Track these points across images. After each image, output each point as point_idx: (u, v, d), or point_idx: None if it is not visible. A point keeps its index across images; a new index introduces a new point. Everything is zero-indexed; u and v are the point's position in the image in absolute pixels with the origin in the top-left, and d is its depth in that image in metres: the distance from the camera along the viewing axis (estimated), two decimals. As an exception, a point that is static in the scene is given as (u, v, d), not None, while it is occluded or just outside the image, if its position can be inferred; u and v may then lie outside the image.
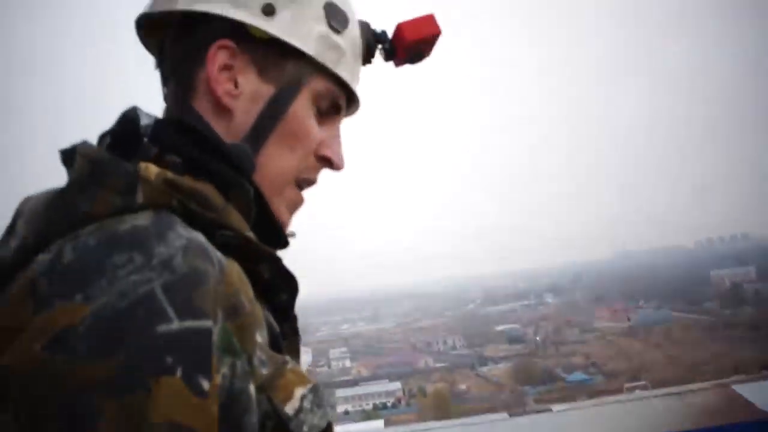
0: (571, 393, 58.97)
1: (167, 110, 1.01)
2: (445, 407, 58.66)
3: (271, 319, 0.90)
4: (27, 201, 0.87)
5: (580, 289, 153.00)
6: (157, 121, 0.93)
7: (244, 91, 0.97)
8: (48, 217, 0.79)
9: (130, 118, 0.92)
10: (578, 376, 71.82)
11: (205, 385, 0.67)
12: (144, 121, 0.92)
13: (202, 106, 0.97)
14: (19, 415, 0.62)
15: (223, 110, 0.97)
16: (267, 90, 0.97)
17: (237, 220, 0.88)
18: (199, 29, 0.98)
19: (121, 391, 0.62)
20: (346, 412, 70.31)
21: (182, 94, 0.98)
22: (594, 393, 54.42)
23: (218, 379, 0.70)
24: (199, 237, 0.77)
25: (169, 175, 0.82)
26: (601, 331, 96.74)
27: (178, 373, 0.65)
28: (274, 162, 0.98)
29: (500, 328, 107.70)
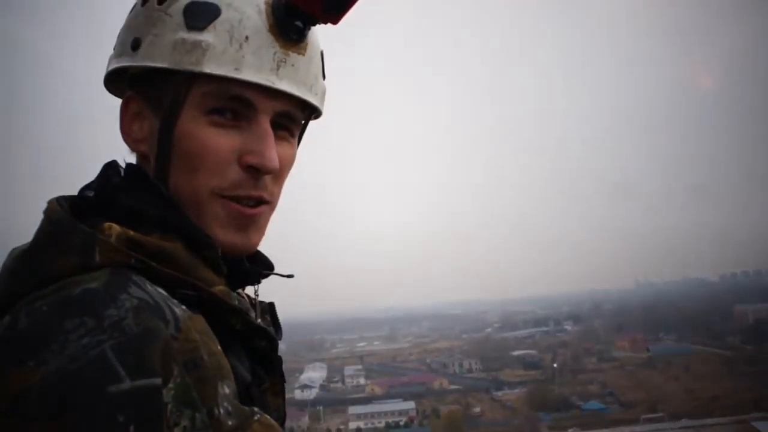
0: (586, 421, 58.14)
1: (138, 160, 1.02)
2: (458, 429, 58.28)
3: (241, 369, 0.91)
4: (11, 252, 0.89)
5: (600, 317, 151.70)
6: (129, 175, 0.96)
7: (146, 132, 0.97)
8: (12, 277, 0.82)
9: (106, 174, 0.96)
10: (594, 404, 70.97)
11: None
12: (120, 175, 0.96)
13: (136, 158, 1.00)
14: None
15: (142, 158, 0.99)
16: (157, 122, 0.95)
17: (206, 274, 0.89)
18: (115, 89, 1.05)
19: None
20: (359, 429, 70.18)
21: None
22: (609, 423, 53.71)
23: (177, 431, 0.73)
24: (154, 296, 0.78)
25: (131, 233, 0.84)
26: (619, 361, 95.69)
27: (131, 430, 0.66)
28: (183, 188, 0.94)
29: (517, 353, 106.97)
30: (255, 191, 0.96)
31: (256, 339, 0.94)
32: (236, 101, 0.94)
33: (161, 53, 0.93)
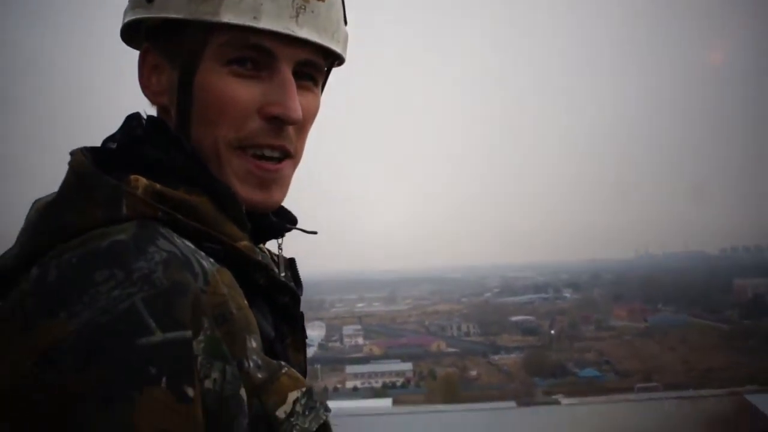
0: (581, 388, 58.65)
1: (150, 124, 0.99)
2: (453, 392, 58.69)
3: (265, 325, 0.90)
4: (34, 205, 0.89)
5: (600, 286, 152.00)
6: (153, 126, 0.95)
7: (165, 85, 0.95)
8: (38, 229, 0.82)
9: (129, 126, 0.95)
10: (590, 372, 71.56)
11: (190, 392, 0.69)
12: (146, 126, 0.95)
13: (157, 110, 0.99)
14: (20, 428, 0.65)
15: (162, 111, 0.97)
16: (176, 74, 0.94)
17: (230, 229, 0.88)
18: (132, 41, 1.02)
19: (109, 402, 0.64)
20: (356, 389, 70.71)
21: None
22: (604, 390, 54.19)
23: (207, 383, 0.73)
24: (182, 249, 0.78)
25: (158, 187, 0.83)
26: (617, 330, 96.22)
27: (163, 383, 0.67)
28: (203, 141, 0.93)
29: (515, 318, 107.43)
30: (276, 140, 0.94)
31: (279, 295, 0.94)
32: (256, 50, 0.91)
33: (176, 4, 0.90)
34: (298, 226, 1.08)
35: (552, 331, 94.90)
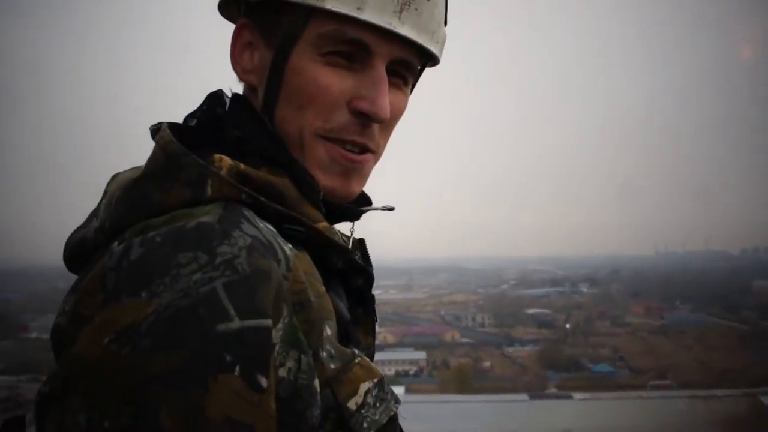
0: (594, 383, 58.43)
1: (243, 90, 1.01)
2: (466, 382, 58.79)
3: (342, 308, 0.90)
4: (113, 179, 0.91)
5: (617, 282, 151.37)
6: (235, 104, 0.96)
7: (256, 63, 0.95)
8: (123, 205, 0.82)
9: (210, 105, 0.96)
10: (604, 367, 71.24)
11: (263, 382, 0.69)
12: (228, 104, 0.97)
13: (246, 93, 0.99)
14: (88, 402, 0.66)
15: (249, 89, 0.98)
16: (270, 54, 0.93)
17: (310, 211, 0.88)
18: (234, 15, 1.01)
19: (182, 386, 0.65)
20: (368, 375, 70.67)
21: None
22: (617, 386, 54.06)
23: (282, 372, 0.73)
24: (266, 233, 0.78)
25: (242, 167, 0.83)
26: (633, 326, 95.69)
27: (237, 371, 0.67)
28: (288, 125, 0.93)
29: (531, 311, 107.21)
30: (360, 138, 0.93)
31: (354, 277, 0.93)
32: (353, 44, 0.89)
33: None
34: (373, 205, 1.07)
35: (567, 325, 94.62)
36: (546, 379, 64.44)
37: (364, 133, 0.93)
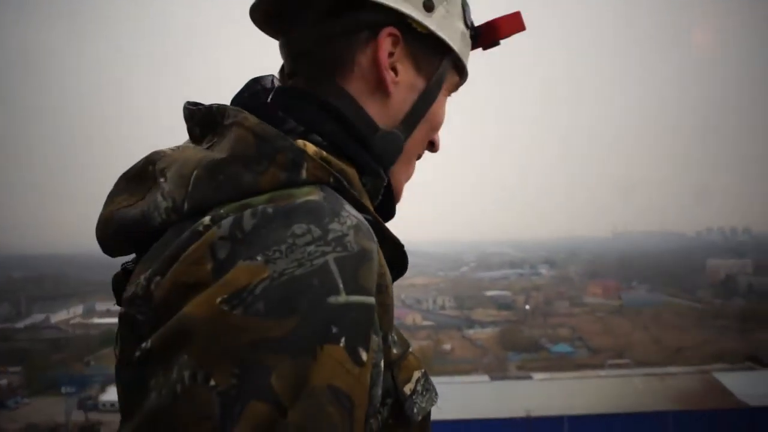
0: (553, 363, 59.25)
1: (298, 83, 1.02)
2: (427, 365, 58.22)
3: None
4: (162, 157, 0.91)
5: (575, 264, 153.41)
6: (293, 96, 0.99)
7: (402, 80, 1.00)
8: (209, 185, 0.82)
9: (255, 91, 1.02)
10: (563, 347, 72.11)
11: (364, 356, 0.71)
12: (267, 85, 1.03)
13: (354, 87, 0.99)
14: (195, 359, 0.67)
15: (380, 96, 1.00)
16: (420, 83, 1.02)
17: (368, 203, 0.91)
18: (362, 12, 0.98)
19: (292, 352, 0.67)
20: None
21: (328, 73, 1.00)
22: (576, 366, 54.82)
23: (372, 352, 0.74)
24: (360, 217, 0.80)
25: (324, 153, 0.86)
26: (591, 307, 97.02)
27: (342, 342, 0.69)
28: (414, 146, 1.05)
29: (491, 293, 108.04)
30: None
31: (391, 270, 0.92)
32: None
33: (451, 34, 1.03)
34: None
35: (527, 307, 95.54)
36: (506, 361, 65.18)
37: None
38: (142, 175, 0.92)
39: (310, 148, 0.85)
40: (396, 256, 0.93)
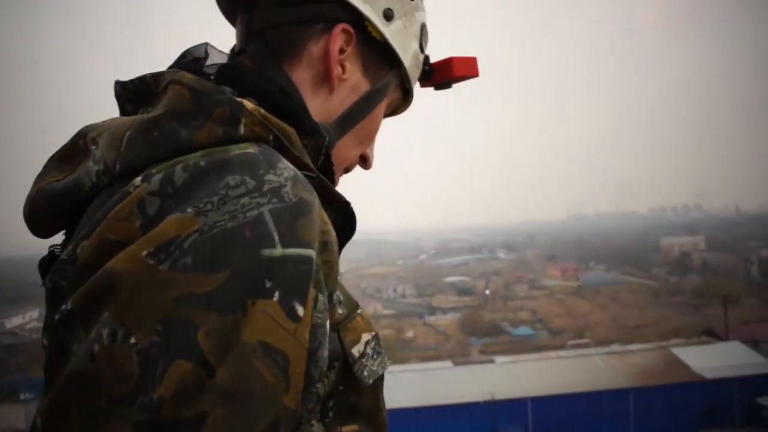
0: (515, 346, 59.70)
1: (241, 62, 1.00)
2: (390, 353, 58.50)
3: None
4: (94, 128, 0.88)
5: (533, 247, 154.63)
6: (229, 65, 0.96)
7: (348, 78, 1.00)
8: (142, 143, 0.78)
9: (195, 56, 0.98)
10: (524, 330, 72.65)
11: (300, 311, 0.68)
12: (214, 60, 1.00)
13: (299, 74, 0.98)
14: (116, 316, 0.63)
15: (323, 88, 0.99)
16: (364, 86, 1.02)
17: (311, 163, 0.88)
18: (324, 5, 0.98)
19: (222, 307, 0.63)
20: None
21: (278, 56, 0.98)
22: (538, 348, 55.29)
23: (311, 307, 0.71)
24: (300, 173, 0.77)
25: (263, 111, 0.82)
26: (550, 289, 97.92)
27: (275, 297, 0.66)
28: (344, 151, 1.03)
29: (450, 279, 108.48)
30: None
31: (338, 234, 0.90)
32: (395, 113, 1.14)
33: (404, 49, 1.03)
34: None
35: (486, 292, 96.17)
36: (468, 346, 65.45)
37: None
38: (72, 152, 0.89)
39: (249, 104, 0.81)
40: (343, 216, 0.90)
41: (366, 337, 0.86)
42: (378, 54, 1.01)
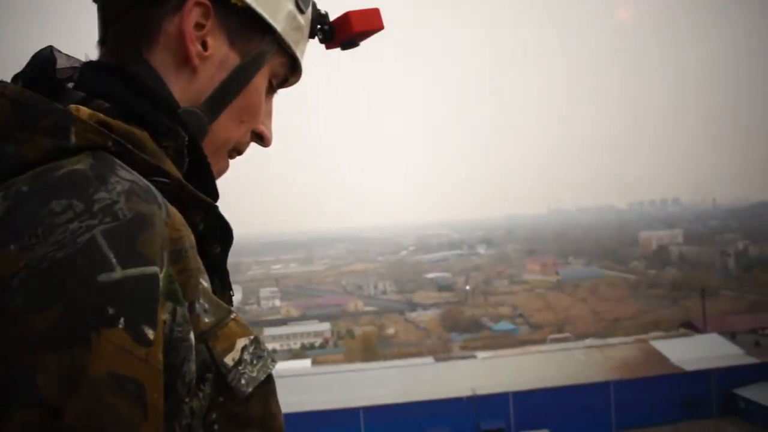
0: (496, 341, 59.99)
1: (104, 55, 0.93)
2: (372, 350, 59.27)
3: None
4: None
5: (513, 242, 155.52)
6: (85, 65, 0.89)
7: (213, 54, 0.92)
8: None
9: (44, 59, 0.87)
10: (504, 325, 73.08)
11: (150, 334, 0.64)
12: (63, 63, 0.89)
13: (159, 59, 0.91)
14: None
15: (184, 70, 0.92)
16: (233, 59, 0.93)
17: (170, 167, 0.82)
18: None
19: (60, 344, 0.59)
20: (274, 351, 69.26)
21: (134, 42, 0.91)
22: (519, 342, 55.57)
23: (161, 327, 0.67)
24: (141, 179, 0.72)
25: (101, 116, 0.77)
26: (530, 284, 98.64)
27: (120, 323, 0.61)
28: (223, 132, 0.95)
29: (431, 275, 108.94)
30: (245, 150, 1.03)
31: (213, 243, 0.87)
32: (286, 82, 1.03)
33: (274, 12, 0.94)
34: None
35: (467, 287, 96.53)
36: (449, 341, 65.78)
37: (248, 147, 1.03)
38: None
39: (84, 111, 0.75)
40: (212, 219, 0.85)
41: (242, 342, 0.81)
42: (243, 22, 0.92)
